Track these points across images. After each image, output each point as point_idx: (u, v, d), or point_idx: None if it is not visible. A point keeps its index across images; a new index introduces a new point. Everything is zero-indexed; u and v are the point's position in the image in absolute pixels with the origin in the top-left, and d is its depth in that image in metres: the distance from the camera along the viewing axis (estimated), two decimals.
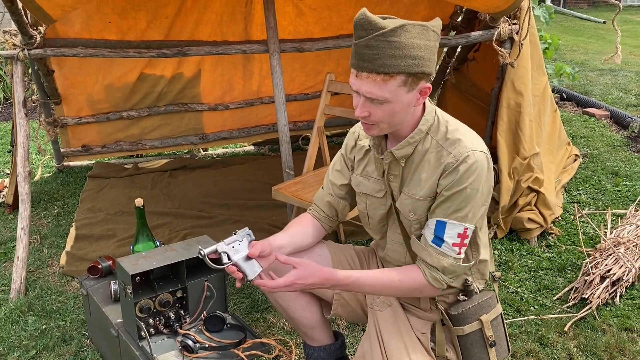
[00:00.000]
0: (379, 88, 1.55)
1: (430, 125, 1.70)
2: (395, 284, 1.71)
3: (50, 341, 2.48)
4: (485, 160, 1.64)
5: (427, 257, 1.68)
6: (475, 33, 3.33)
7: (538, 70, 3.52)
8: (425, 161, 1.69)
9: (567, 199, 3.78)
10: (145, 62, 3.85)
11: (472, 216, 1.65)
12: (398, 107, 1.60)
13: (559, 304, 2.71)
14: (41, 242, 3.36)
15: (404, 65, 1.52)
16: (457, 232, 1.65)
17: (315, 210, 2.01)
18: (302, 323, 2.05)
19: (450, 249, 1.66)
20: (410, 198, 1.73)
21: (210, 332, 2.05)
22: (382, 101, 1.57)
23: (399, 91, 1.56)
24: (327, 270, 1.69)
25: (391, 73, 1.52)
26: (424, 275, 1.69)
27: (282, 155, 3.08)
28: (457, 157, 1.63)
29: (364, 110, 1.61)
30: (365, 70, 1.54)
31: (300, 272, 1.66)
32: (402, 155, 1.72)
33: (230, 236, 1.73)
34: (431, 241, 1.68)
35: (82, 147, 4.24)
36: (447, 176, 1.64)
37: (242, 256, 1.70)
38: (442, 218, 1.65)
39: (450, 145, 1.65)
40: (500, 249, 3.19)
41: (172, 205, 3.79)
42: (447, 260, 1.67)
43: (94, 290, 2.33)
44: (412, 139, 1.69)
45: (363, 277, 1.71)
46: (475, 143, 1.64)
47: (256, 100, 4.31)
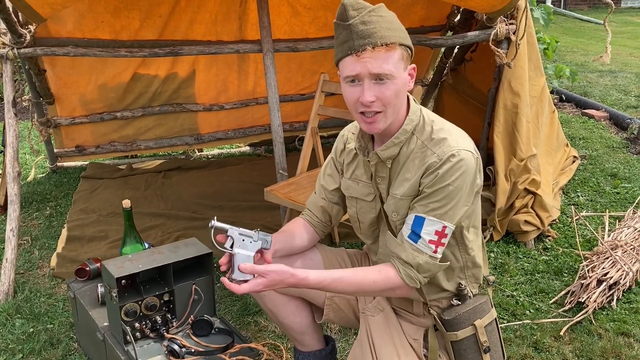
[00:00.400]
0: (384, 61, 1.54)
1: (416, 125, 1.66)
2: (369, 285, 1.66)
3: (37, 345, 2.44)
4: (472, 159, 1.60)
5: (402, 252, 1.64)
6: (471, 33, 3.29)
7: (536, 71, 3.48)
8: (410, 162, 1.66)
9: (565, 201, 3.73)
10: (138, 62, 3.81)
11: (452, 214, 1.61)
12: (400, 85, 1.59)
13: (555, 307, 2.67)
14: (32, 243, 3.32)
15: (399, 37, 1.56)
16: (435, 229, 1.61)
17: (308, 215, 1.97)
18: (293, 328, 2.02)
19: (427, 246, 1.62)
20: (394, 198, 1.69)
21: (197, 337, 2.01)
22: (389, 77, 1.56)
23: (400, 66, 1.57)
24: (298, 277, 1.63)
25: (391, 44, 1.54)
26: (398, 272, 1.65)
27: (276, 156, 3.04)
28: (440, 157, 1.59)
29: (371, 95, 1.56)
30: (369, 44, 1.53)
31: (267, 281, 1.61)
32: (387, 156, 1.68)
33: (249, 230, 1.65)
34: (407, 236, 1.64)
35: (75, 148, 4.21)
36: (429, 174, 1.61)
37: (244, 254, 1.63)
38: (421, 214, 1.62)
39: (435, 145, 1.62)
40: (497, 251, 3.15)
41: (165, 206, 3.75)
42: (422, 257, 1.62)
43: (81, 293, 2.29)
44: (397, 139, 1.66)
45: (336, 280, 1.65)
46: (461, 142, 1.61)
47: (252, 100, 4.27)
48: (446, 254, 1.71)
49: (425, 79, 4.63)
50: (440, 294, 1.79)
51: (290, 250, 1.88)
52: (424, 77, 4.63)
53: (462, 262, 1.76)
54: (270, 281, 1.61)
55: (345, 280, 1.65)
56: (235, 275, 1.61)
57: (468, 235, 1.73)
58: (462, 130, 1.69)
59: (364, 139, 1.75)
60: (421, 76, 4.62)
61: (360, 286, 1.66)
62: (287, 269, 1.63)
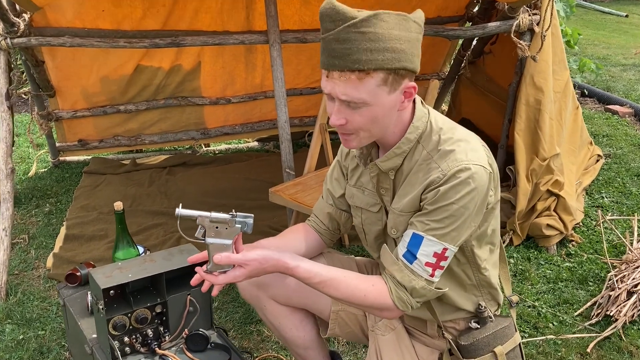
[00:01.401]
0: (354, 88, 1.33)
1: (422, 132, 1.47)
2: (359, 298, 1.49)
3: (25, 353, 2.31)
4: (484, 174, 1.41)
5: (397, 272, 1.46)
6: (492, 24, 3.09)
7: (560, 65, 3.27)
8: (414, 175, 1.47)
9: (589, 202, 3.53)
10: (141, 54, 3.65)
11: (455, 236, 1.42)
12: (379, 112, 1.37)
13: (580, 320, 2.48)
14: (29, 242, 3.18)
15: (381, 60, 1.30)
16: (434, 251, 1.42)
17: (315, 222, 1.80)
18: (296, 343, 1.85)
19: (422, 269, 1.44)
20: (393, 213, 1.51)
21: (192, 352, 1.85)
22: (359, 104, 1.35)
23: (379, 92, 1.34)
24: (287, 265, 1.46)
25: (367, 70, 1.30)
26: (389, 293, 1.47)
27: (282, 154, 2.87)
28: (445, 172, 1.40)
29: (339, 117, 1.39)
30: (337, 68, 1.32)
31: (247, 271, 1.45)
32: (388, 167, 1.50)
33: (224, 214, 1.44)
34: (402, 255, 1.45)
35: (78, 142, 4.06)
36: (431, 190, 1.42)
37: (220, 243, 1.43)
38: (420, 232, 1.43)
39: (441, 158, 1.42)
40: (516, 257, 2.96)
41: (168, 204, 3.60)
42: (418, 281, 1.44)
43: (71, 301, 2.13)
44: (399, 150, 1.47)
45: (326, 281, 1.48)
46: (470, 154, 1.41)
47: (259, 94, 4.10)
48: (457, 272, 1.54)
49: (442, 72, 4.43)
50: (457, 314, 1.61)
51: None
52: (441, 70, 4.43)
53: (476, 281, 1.58)
54: (251, 271, 1.46)
55: (335, 285, 1.48)
56: (210, 267, 1.45)
57: (480, 253, 1.54)
58: (475, 138, 1.50)
59: (366, 146, 1.56)
60: (438, 69, 4.42)
61: (349, 296, 1.49)
62: (272, 255, 1.46)
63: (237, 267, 1.47)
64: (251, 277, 1.48)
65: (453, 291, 1.57)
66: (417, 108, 1.49)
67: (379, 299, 1.48)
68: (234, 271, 1.46)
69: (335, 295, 1.50)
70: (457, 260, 1.54)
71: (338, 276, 1.50)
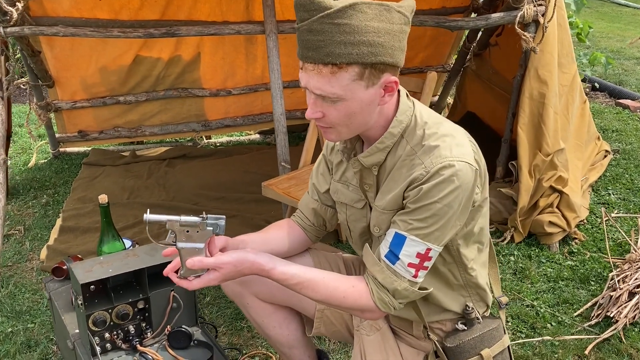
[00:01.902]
0: (327, 82, 1.27)
1: (406, 127, 1.40)
2: (338, 299, 1.44)
3: (13, 347, 2.28)
4: (469, 171, 1.34)
5: (379, 273, 1.40)
6: (496, 15, 3.00)
7: (567, 58, 3.17)
8: (397, 170, 1.41)
9: (595, 199, 3.44)
10: (140, 44, 3.61)
11: (439, 235, 1.36)
12: (355, 107, 1.31)
13: (579, 321, 2.40)
14: (24, 233, 3.16)
15: (356, 54, 1.24)
16: (417, 251, 1.36)
17: (299, 218, 1.75)
18: (280, 342, 1.80)
19: (405, 270, 1.38)
20: (375, 210, 1.45)
21: (174, 349, 1.82)
22: (334, 99, 1.29)
23: (354, 86, 1.28)
24: (262, 267, 1.42)
25: (340, 64, 1.24)
26: (371, 294, 1.41)
27: (278, 147, 2.82)
28: (428, 169, 1.33)
29: (315, 111, 1.34)
30: (310, 60, 1.26)
31: (221, 274, 1.41)
32: (371, 163, 1.44)
33: (194, 217, 1.40)
34: (384, 255, 1.39)
35: (78, 133, 4.04)
36: (413, 188, 1.36)
37: (191, 247, 1.39)
38: (402, 231, 1.37)
39: (424, 153, 1.36)
40: (517, 255, 2.88)
41: (166, 196, 3.56)
42: (400, 282, 1.38)
43: (56, 295, 2.10)
44: (382, 145, 1.41)
45: (303, 282, 1.43)
46: (455, 150, 1.34)
47: (260, 85, 4.04)
48: (443, 271, 1.48)
49: (447, 64, 4.34)
50: (443, 315, 1.55)
51: (275, 252, 1.64)
52: (446, 62, 4.34)
53: (463, 281, 1.51)
54: (225, 274, 1.41)
55: (313, 286, 1.43)
56: (184, 272, 1.40)
57: (466, 253, 1.48)
58: (462, 132, 1.44)
59: (350, 140, 1.50)
60: (443, 61, 4.33)
61: (328, 297, 1.44)
62: (247, 257, 1.42)
63: (211, 271, 1.42)
64: (227, 280, 1.44)
65: (439, 291, 1.51)
66: (401, 101, 1.42)
67: (359, 300, 1.43)
68: (207, 275, 1.42)
69: (313, 296, 1.46)
70: (443, 260, 1.48)
71: (316, 277, 1.45)
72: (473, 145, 1.43)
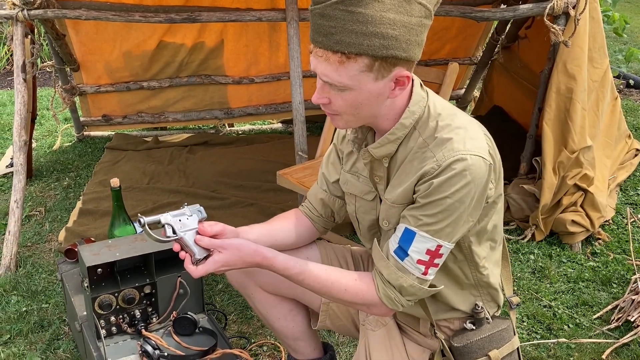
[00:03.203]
0: (334, 70, 1.23)
1: (418, 118, 1.35)
2: (339, 292, 1.41)
3: (26, 326, 2.31)
4: (484, 166, 1.29)
5: (385, 269, 1.36)
6: (524, 6, 2.91)
7: (600, 52, 3.06)
8: (409, 163, 1.36)
9: (622, 199, 3.33)
10: (164, 30, 3.61)
11: (450, 232, 1.31)
12: (362, 98, 1.27)
13: (598, 324, 2.33)
14: (45, 215, 3.20)
15: (367, 45, 1.19)
16: (427, 248, 1.31)
17: (307, 208, 1.72)
18: (284, 333, 1.78)
19: (414, 266, 1.33)
20: (385, 204, 1.41)
21: (179, 336, 1.81)
22: (341, 87, 1.25)
23: (362, 78, 1.23)
24: (262, 256, 1.41)
25: (349, 53, 1.19)
26: (376, 290, 1.38)
27: (296, 137, 2.80)
28: (439, 163, 1.28)
29: (322, 97, 1.30)
30: (319, 45, 1.22)
31: (226, 257, 1.39)
32: (381, 154, 1.39)
33: (178, 209, 1.50)
34: (393, 250, 1.35)
35: (102, 117, 4.07)
36: (424, 182, 1.31)
37: (191, 232, 1.45)
38: (412, 227, 1.32)
39: (437, 146, 1.31)
40: (537, 253, 2.81)
41: (186, 183, 3.57)
42: (407, 279, 1.34)
43: (67, 276, 2.12)
44: (393, 136, 1.36)
45: (304, 272, 1.41)
46: (468, 144, 1.29)
47: (283, 74, 4.01)
48: (453, 269, 1.43)
49: (474, 56, 4.24)
50: (452, 314, 1.51)
51: (279, 242, 1.62)
52: (473, 54, 4.24)
53: (474, 280, 1.47)
54: (229, 257, 1.40)
55: (314, 276, 1.41)
56: (198, 255, 1.43)
57: (479, 250, 1.43)
58: (477, 125, 1.38)
59: (361, 130, 1.46)
60: (470, 54, 4.23)
61: (329, 289, 1.41)
62: (249, 244, 1.41)
63: (215, 252, 1.41)
64: (230, 265, 1.42)
65: (448, 289, 1.47)
66: (414, 92, 1.37)
67: (362, 294, 1.39)
68: (211, 258, 1.40)
69: (314, 287, 1.43)
70: (454, 257, 1.43)
71: (318, 268, 1.42)
72: (488, 139, 1.37)
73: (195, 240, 1.43)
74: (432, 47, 4.00)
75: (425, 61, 4.03)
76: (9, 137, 4.17)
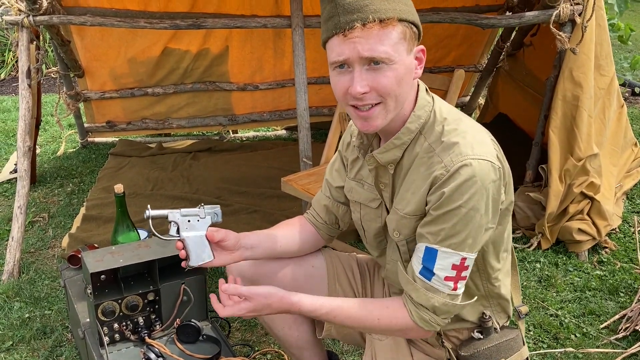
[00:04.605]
0: (379, 41, 1.22)
1: (424, 122, 1.34)
2: (372, 323, 1.39)
3: (28, 332, 2.29)
4: (491, 169, 1.26)
5: (414, 292, 1.34)
6: (530, 13, 2.90)
7: (607, 60, 3.04)
8: (415, 169, 1.34)
9: (629, 207, 3.31)
10: (169, 36, 3.61)
11: (472, 243, 1.28)
12: (403, 72, 1.26)
13: (606, 334, 2.30)
14: (48, 221, 3.19)
15: (399, 10, 1.23)
16: (452, 263, 1.29)
17: (312, 215, 1.70)
18: (289, 342, 1.76)
19: (443, 284, 1.30)
20: (396, 214, 1.39)
21: (182, 343, 1.79)
22: (386, 61, 1.23)
23: (400, 48, 1.24)
24: (289, 302, 1.39)
25: (388, 19, 1.21)
26: (409, 314, 1.35)
27: (300, 143, 2.78)
28: (448, 168, 1.26)
29: (363, 85, 1.24)
30: (359, 20, 1.21)
31: (253, 305, 1.38)
32: (387, 160, 1.37)
33: (193, 208, 1.48)
34: (419, 272, 1.32)
35: (106, 123, 4.07)
36: (435, 191, 1.28)
37: (195, 235, 1.44)
38: (433, 244, 1.29)
39: (444, 150, 1.29)
40: (543, 262, 2.78)
41: (189, 189, 3.56)
42: (438, 298, 1.31)
43: (71, 282, 2.11)
44: (399, 141, 1.34)
45: (334, 310, 1.39)
46: (477, 148, 1.27)
47: (288, 81, 4.00)
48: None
49: (479, 64, 4.23)
50: (460, 324, 1.49)
51: (272, 253, 1.61)
52: (478, 62, 4.23)
53: (485, 291, 1.45)
54: (256, 306, 1.39)
55: (345, 313, 1.39)
56: (192, 262, 1.42)
57: (492, 261, 1.41)
58: (483, 130, 1.36)
59: (367, 135, 1.44)
60: (475, 61, 4.23)
61: (362, 322, 1.40)
62: (276, 292, 1.39)
63: (242, 301, 1.41)
64: (256, 312, 1.41)
65: None
66: (420, 96, 1.36)
67: (395, 321, 1.38)
68: (238, 305, 1.40)
69: (346, 323, 1.42)
70: None
71: (347, 303, 1.41)
72: (495, 144, 1.35)
73: (221, 288, 1.41)
74: (437, 54, 3.99)
75: (430, 68, 4.02)
76: (13, 143, 4.17)
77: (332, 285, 1.67)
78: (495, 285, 1.43)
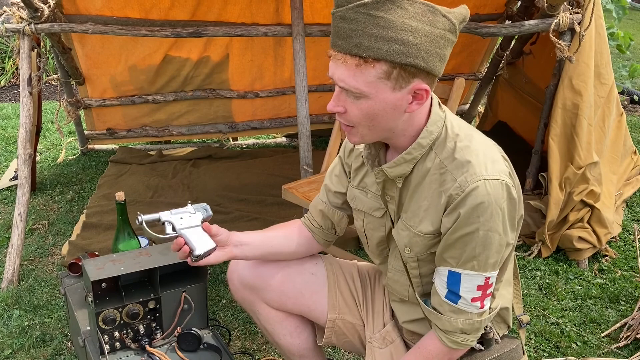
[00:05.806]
0: (352, 75, 1.20)
1: (436, 138, 1.32)
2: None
3: (28, 341, 2.29)
4: (502, 189, 1.26)
5: (438, 320, 1.36)
6: (530, 22, 2.91)
7: (606, 68, 3.06)
8: (426, 185, 1.33)
9: (629, 215, 3.31)
10: (170, 44, 3.62)
11: (494, 262, 1.30)
12: (378, 108, 1.24)
13: (607, 342, 2.30)
14: (48, 228, 3.19)
15: (386, 50, 1.16)
16: (477, 285, 1.30)
17: (308, 219, 1.70)
18: (290, 350, 1.76)
19: (470, 305, 1.32)
20: (408, 230, 1.38)
21: (183, 352, 1.79)
22: (357, 94, 1.22)
23: (380, 85, 1.21)
24: None
25: (367, 57, 1.17)
26: (441, 342, 1.37)
27: (301, 151, 2.79)
28: (462, 187, 1.26)
29: (337, 104, 1.27)
30: (338, 49, 1.20)
31: None
32: (396, 174, 1.36)
33: (180, 208, 1.54)
34: (444, 296, 1.34)
35: (107, 131, 4.07)
36: (451, 212, 1.28)
37: (192, 229, 1.47)
38: (455, 268, 1.30)
39: (457, 168, 1.28)
40: (544, 270, 2.78)
41: (189, 196, 3.55)
42: (466, 320, 1.33)
43: (71, 290, 2.10)
44: (410, 156, 1.33)
45: None
46: (489, 167, 1.27)
47: (288, 89, 4.01)
48: None
49: (479, 72, 4.25)
50: None
51: (265, 252, 1.62)
52: (478, 70, 4.25)
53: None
54: None
55: None
56: (198, 251, 1.45)
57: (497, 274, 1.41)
58: (494, 147, 1.36)
59: (374, 145, 1.43)
60: (475, 69, 4.24)
61: None
62: None
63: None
64: None
65: None
66: (433, 111, 1.34)
67: (431, 354, 1.40)
68: None
69: None
70: None
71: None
72: (506, 161, 1.35)
73: None
74: None
75: None
76: (13, 150, 4.17)
77: (332, 292, 1.67)
78: (494, 296, 1.43)
